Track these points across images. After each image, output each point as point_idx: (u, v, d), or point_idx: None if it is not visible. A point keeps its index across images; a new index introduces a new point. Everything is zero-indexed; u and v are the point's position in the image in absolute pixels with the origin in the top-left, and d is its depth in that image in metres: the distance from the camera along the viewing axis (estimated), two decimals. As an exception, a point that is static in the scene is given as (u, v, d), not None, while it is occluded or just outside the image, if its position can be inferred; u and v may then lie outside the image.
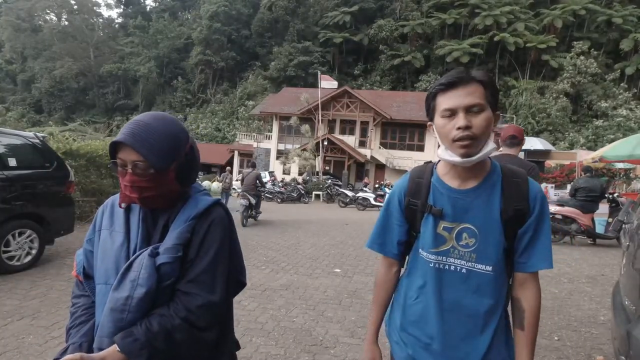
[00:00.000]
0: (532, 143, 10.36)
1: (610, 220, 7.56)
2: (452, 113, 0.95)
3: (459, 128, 0.93)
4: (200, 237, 0.95)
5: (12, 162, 4.36)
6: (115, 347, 0.85)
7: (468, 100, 0.93)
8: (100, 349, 0.88)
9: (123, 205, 0.99)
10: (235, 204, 9.64)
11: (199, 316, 0.90)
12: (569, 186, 10.09)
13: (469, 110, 0.94)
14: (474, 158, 0.95)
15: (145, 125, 0.92)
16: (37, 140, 4.81)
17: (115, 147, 0.92)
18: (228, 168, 17.09)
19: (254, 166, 9.84)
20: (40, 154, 4.78)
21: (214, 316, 0.94)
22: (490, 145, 0.97)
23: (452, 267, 1.02)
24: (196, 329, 0.90)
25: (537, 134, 30.46)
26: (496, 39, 37.03)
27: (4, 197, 4.19)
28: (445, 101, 0.96)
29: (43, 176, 4.67)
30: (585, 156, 9.99)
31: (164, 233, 0.96)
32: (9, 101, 52.07)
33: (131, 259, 0.92)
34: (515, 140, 2.56)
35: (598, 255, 6.53)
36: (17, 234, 4.32)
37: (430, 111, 1.03)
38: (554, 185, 13.76)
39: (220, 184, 13.31)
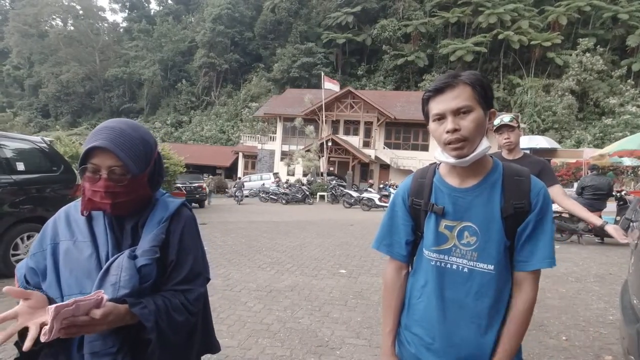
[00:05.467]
0: (538, 141, 10.28)
1: (618, 218, 7.48)
2: (441, 117, 0.98)
3: (447, 131, 0.96)
4: (177, 238, 0.99)
5: (20, 166, 4.42)
6: (125, 307, 0.85)
7: (454, 103, 0.95)
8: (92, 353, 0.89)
9: (85, 212, 0.97)
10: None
11: (193, 304, 0.99)
12: (575, 184, 10.01)
13: (457, 112, 0.96)
14: (467, 158, 0.97)
15: (121, 131, 0.92)
16: (45, 145, 4.87)
17: (87, 154, 0.91)
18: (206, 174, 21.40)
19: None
20: (47, 158, 4.84)
21: (201, 303, 1.05)
22: (485, 144, 0.98)
23: (455, 266, 1.02)
24: (189, 314, 0.98)
25: (542, 132, 30.23)
26: (500, 37, 36.81)
27: (13, 201, 4.25)
28: (435, 106, 0.99)
29: (50, 180, 4.72)
30: (591, 154, 9.89)
31: (134, 237, 0.97)
32: (17, 106, 52.76)
33: (107, 264, 0.91)
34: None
35: (606, 254, 6.46)
36: (25, 238, 4.38)
37: (425, 116, 1.06)
38: (560, 183, 13.66)
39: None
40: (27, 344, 0.75)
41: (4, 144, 4.36)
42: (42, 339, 0.74)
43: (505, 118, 2.36)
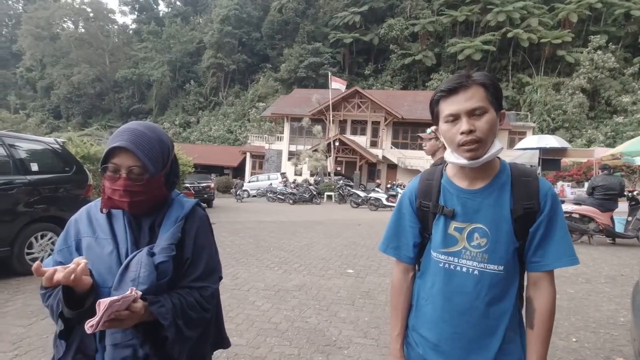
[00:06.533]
0: (548, 141, 10.05)
1: (630, 219, 7.36)
2: (455, 118, 0.97)
3: (462, 133, 0.95)
4: (193, 237, 1.04)
5: (34, 167, 4.51)
6: (145, 304, 0.89)
7: (469, 104, 0.95)
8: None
9: (104, 210, 1.02)
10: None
11: (208, 301, 1.04)
12: (586, 184, 9.86)
13: (471, 114, 0.95)
14: (480, 159, 0.97)
15: (141, 133, 0.97)
16: (57, 146, 4.97)
17: (108, 153, 0.96)
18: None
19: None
20: (60, 158, 4.93)
21: (215, 299, 1.10)
22: (497, 145, 0.98)
23: (464, 269, 1.02)
24: (204, 310, 1.02)
25: (552, 131, 29.83)
26: (509, 35, 36.40)
27: (27, 201, 4.34)
28: (447, 107, 0.98)
29: (63, 180, 4.82)
30: (602, 153, 9.73)
31: (151, 235, 1.02)
32: (29, 107, 53.69)
33: (126, 260, 0.95)
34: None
35: (617, 255, 6.37)
36: (39, 237, 4.48)
37: (434, 117, 1.05)
38: (570, 183, 13.47)
39: None
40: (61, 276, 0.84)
41: (18, 145, 4.47)
42: (89, 330, 0.80)
43: (427, 130, 2.74)
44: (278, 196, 18.78)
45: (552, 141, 10.02)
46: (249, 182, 25.67)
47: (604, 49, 33.48)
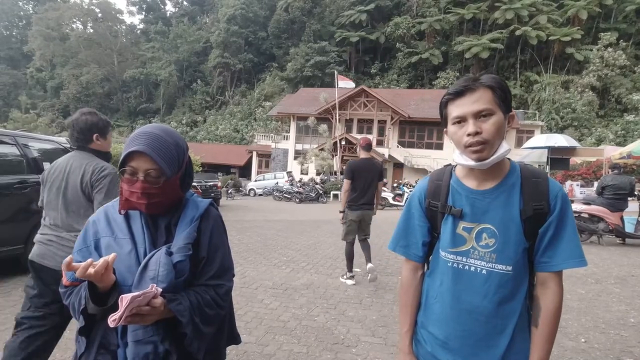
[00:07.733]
0: (556, 140, 9.86)
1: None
2: (462, 120, 0.99)
3: (469, 134, 0.97)
4: (208, 236, 1.07)
5: (47, 166, 4.57)
6: (164, 301, 0.92)
7: (476, 106, 0.96)
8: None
9: (122, 211, 1.05)
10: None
11: (223, 299, 1.07)
12: (596, 184, 9.74)
13: (478, 116, 0.97)
14: (487, 161, 0.97)
15: (157, 137, 1.00)
16: (69, 145, 5.05)
17: (126, 157, 0.98)
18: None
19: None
20: (71, 158, 5.00)
21: (229, 297, 1.14)
22: (505, 147, 0.99)
23: (472, 268, 1.04)
24: (219, 307, 1.06)
25: (561, 129, 29.49)
26: (517, 33, 36.01)
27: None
28: (455, 109, 1.00)
29: (75, 179, 4.88)
30: (612, 152, 9.60)
31: (167, 234, 1.05)
32: (40, 107, 54.45)
33: (145, 259, 0.98)
34: (369, 147, 4.42)
35: (627, 255, 6.30)
36: (52, 235, 4.56)
37: (443, 119, 1.07)
38: (579, 182, 13.31)
39: None
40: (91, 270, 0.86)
41: (31, 145, 4.55)
42: (112, 324, 0.83)
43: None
44: (284, 195, 18.85)
45: (560, 140, 9.88)
46: (256, 180, 25.80)
47: (615, 46, 32.97)
